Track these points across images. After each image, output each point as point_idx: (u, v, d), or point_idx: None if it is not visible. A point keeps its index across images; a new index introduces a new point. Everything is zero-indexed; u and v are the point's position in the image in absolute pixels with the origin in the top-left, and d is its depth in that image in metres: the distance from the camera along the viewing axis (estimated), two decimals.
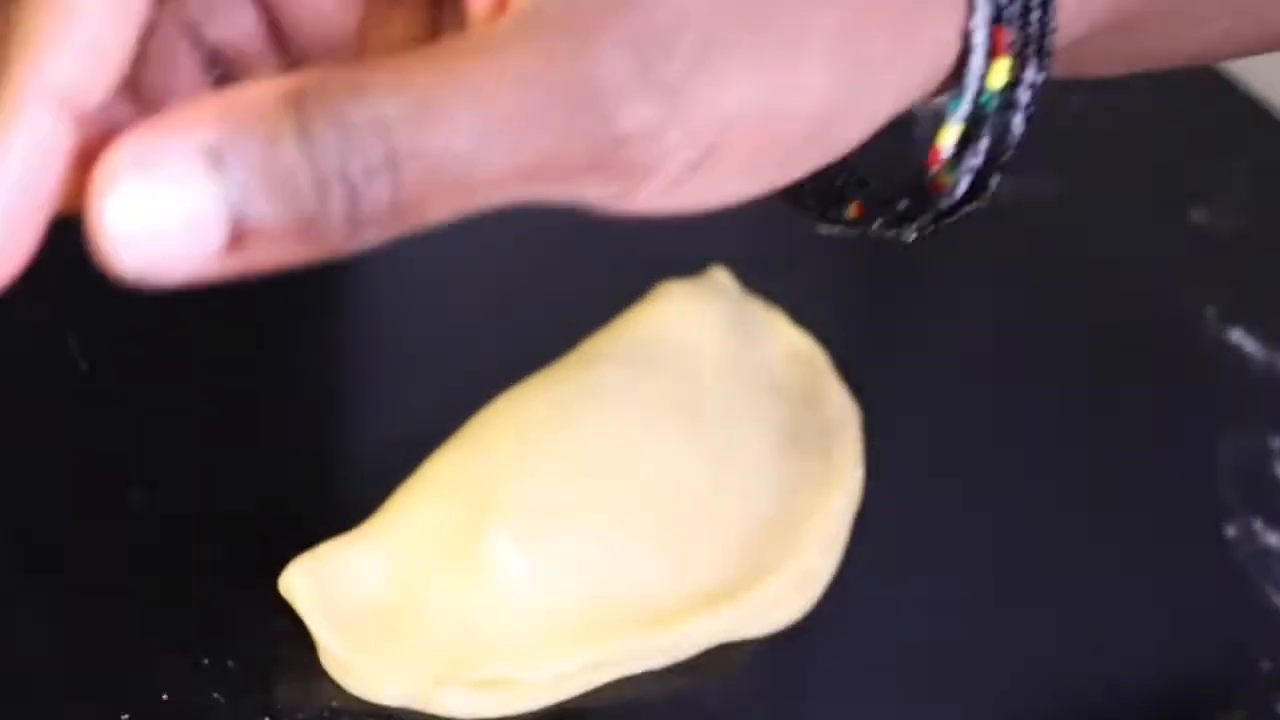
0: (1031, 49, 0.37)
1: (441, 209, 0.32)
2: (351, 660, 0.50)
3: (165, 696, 0.49)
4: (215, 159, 0.31)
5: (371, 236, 0.32)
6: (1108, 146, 0.69)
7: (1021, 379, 0.61)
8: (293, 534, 0.51)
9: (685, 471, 0.53)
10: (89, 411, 0.56)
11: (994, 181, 0.38)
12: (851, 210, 0.39)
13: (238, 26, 0.37)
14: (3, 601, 0.51)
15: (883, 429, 0.57)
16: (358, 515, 0.52)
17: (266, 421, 0.56)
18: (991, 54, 0.36)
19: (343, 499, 0.54)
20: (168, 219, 0.31)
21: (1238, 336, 0.64)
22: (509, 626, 0.50)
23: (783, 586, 0.52)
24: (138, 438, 0.55)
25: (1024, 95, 0.37)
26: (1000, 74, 0.37)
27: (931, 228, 0.38)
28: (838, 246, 0.64)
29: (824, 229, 0.40)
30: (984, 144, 0.37)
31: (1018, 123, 0.37)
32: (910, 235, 0.39)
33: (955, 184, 0.38)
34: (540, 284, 0.62)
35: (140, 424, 0.55)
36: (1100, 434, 0.59)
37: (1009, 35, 0.36)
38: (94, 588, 0.51)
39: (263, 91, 0.31)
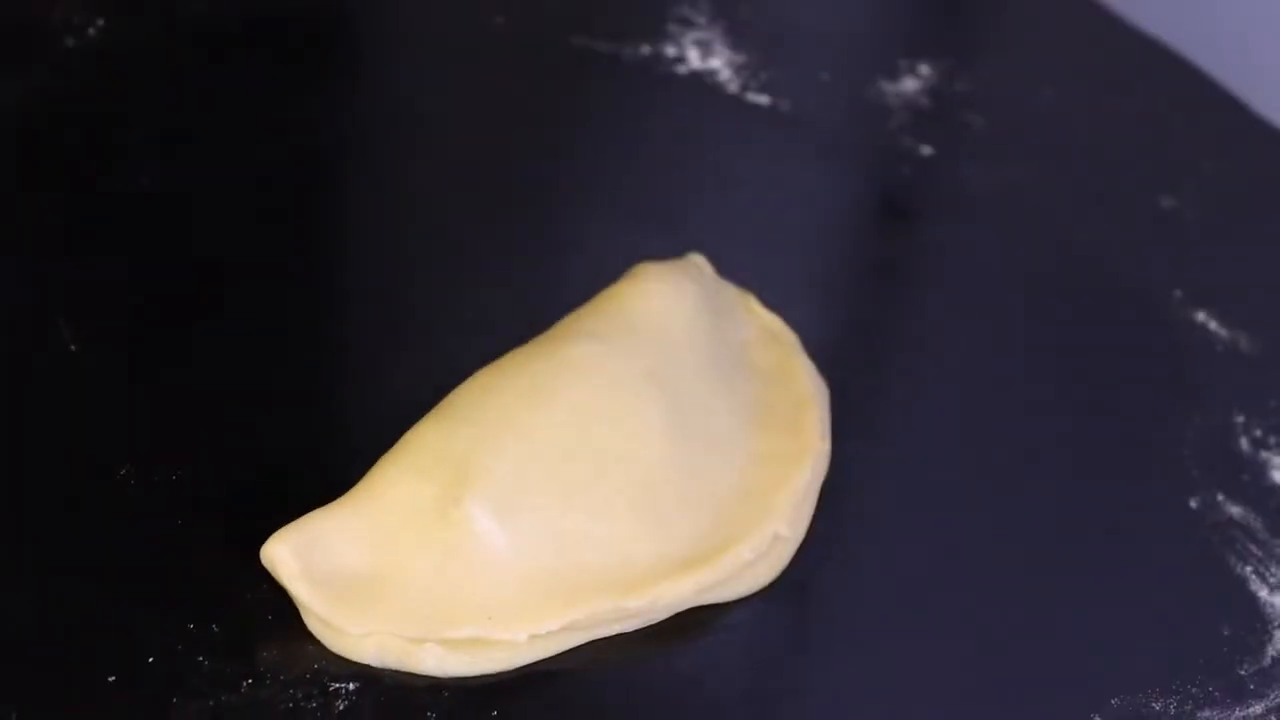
0: None
1: None
2: (333, 619, 0.51)
3: (151, 660, 0.50)
4: None
5: None
6: (1080, 137, 0.71)
7: (991, 359, 0.62)
8: (276, 506, 0.53)
9: (660, 443, 0.55)
10: (79, 391, 0.57)
11: None
12: None
13: None
14: None
15: (851, 405, 0.59)
16: (339, 487, 0.53)
17: (250, 398, 0.57)
18: None
19: (325, 472, 0.54)
20: None
21: (1203, 317, 0.65)
22: (487, 590, 0.52)
23: (753, 553, 0.54)
24: (126, 415, 0.56)
25: None
26: None
27: None
28: (811, 238, 0.67)
29: None
30: None
31: None
32: None
33: None
34: (521, 271, 0.63)
35: (128, 403, 0.57)
36: (1069, 410, 0.61)
37: None
38: (83, 556, 0.53)
39: None
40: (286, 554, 0.52)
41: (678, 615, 0.53)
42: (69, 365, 0.57)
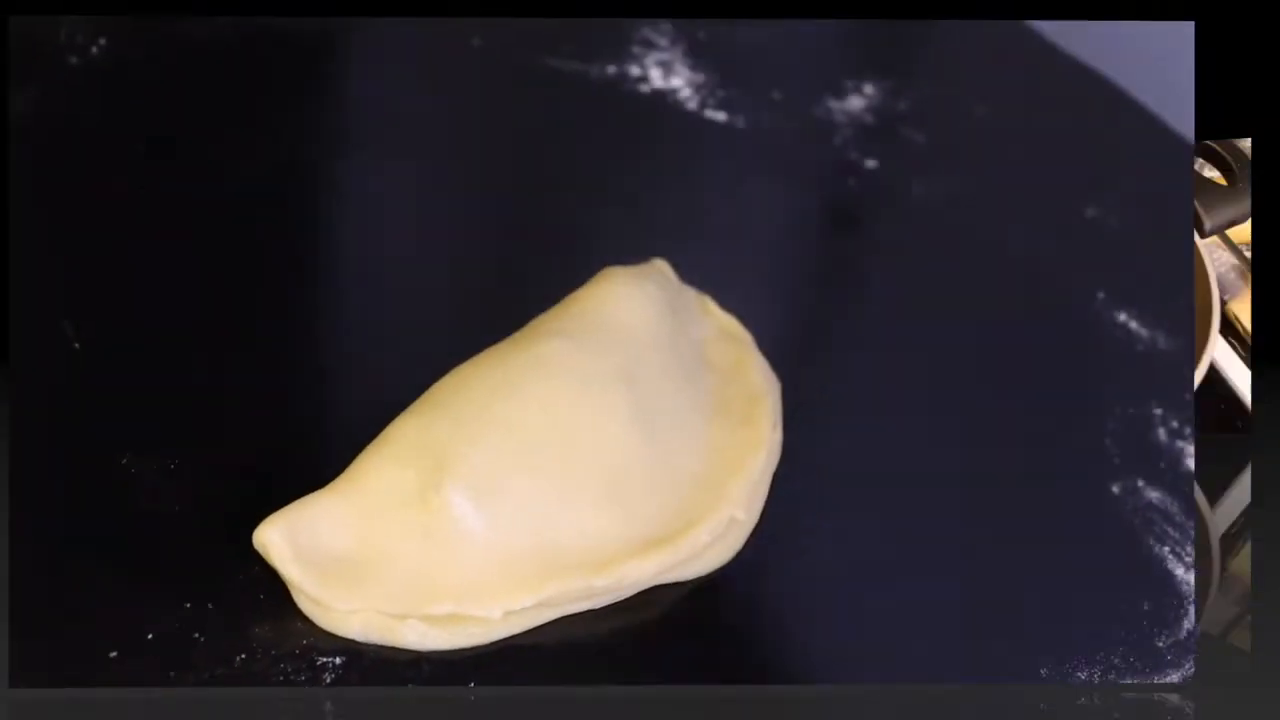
0: None
1: None
2: (321, 598, 0.54)
3: (150, 636, 0.53)
4: None
5: None
6: (1011, 151, 0.74)
7: (929, 356, 0.65)
8: (268, 493, 0.56)
9: (624, 434, 0.58)
10: (84, 385, 0.60)
11: None
12: None
13: None
14: (5, 551, 0.56)
15: (801, 398, 0.62)
16: (327, 476, 0.56)
17: (243, 393, 0.60)
18: None
19: (313, 461, 0.57)
20: None
21: (1124, 317, 0.68)
22: (465, 570, 0.55)
23: (710, 535, 0.57)
24: (128, 409, 0.59)
25: None
26: None
27: None
28: (764, 244, 0.70)
29: None
30: None
31: None
32: None
33: None
34: (496, 274, 0.66)
35: (129, 398, 0.59)
36: (1000, 402, 0.64)
37: None
38: (87, 540, 0.55)
39: None
40: (278, 538, 0.54)
41: (642, 592, 0.56)
42: (71, 362, 0.60)
